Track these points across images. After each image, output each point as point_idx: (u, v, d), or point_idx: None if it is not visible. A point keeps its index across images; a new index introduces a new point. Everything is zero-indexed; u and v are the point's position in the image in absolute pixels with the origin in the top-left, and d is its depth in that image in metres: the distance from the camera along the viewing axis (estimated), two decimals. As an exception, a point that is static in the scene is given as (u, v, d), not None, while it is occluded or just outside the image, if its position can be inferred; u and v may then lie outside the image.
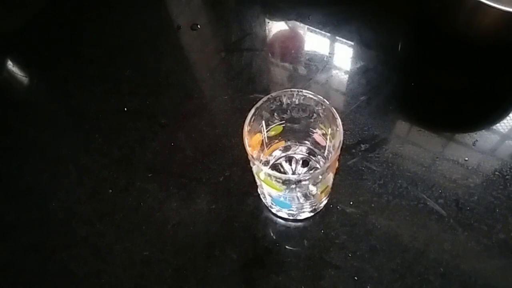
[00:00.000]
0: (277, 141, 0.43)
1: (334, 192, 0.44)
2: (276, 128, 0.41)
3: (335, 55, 0.55)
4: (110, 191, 0.47)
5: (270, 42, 0.57)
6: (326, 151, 0.41)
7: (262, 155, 0.43)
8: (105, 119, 0.52)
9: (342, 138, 0.34)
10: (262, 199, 0.44)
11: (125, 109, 0.52)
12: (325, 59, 0.54)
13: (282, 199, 0.39)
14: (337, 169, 0.42)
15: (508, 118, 0.48)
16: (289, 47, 0.56)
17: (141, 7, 0.62)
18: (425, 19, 0.57)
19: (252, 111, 0.36)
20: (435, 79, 0.53)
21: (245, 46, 0.56)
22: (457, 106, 0.50)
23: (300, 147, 0.44)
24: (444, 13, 0.51)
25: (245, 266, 0.41)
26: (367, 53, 0.54)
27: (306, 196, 0.40)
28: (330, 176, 0.38)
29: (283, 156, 0.44)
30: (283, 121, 0.41)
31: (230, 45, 0.57)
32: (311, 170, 0.44)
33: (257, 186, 0.44)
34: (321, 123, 0.39)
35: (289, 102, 0.38)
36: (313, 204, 0.41)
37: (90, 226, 0.45)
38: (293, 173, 0.44)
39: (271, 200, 0.41)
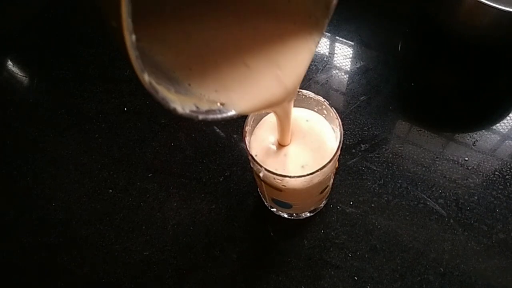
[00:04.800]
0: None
1: (334, 192, 0.44)
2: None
3: (335, 55, 0.55)
4: (110, 191, 0.47)
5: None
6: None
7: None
8: (105, 119, 0.52)
9: (342, 138, 0.34)
10: (262, 199, 0.44)
11: (125, 109, 0.52)
12: (325, 59, 0.54)
13: (282, 199, 0.39)
14: (337, 169, 0.42)
15: (508, 118, 0.48)
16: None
17: (141, 7, 0.62)
18: (425, 19, 0.57)
19: (252, 111, 0.36)
20: (435, 79, 0.53)
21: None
22: (457, 106, 0.50)
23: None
24: (444, 13, 0.51)
25: (245, 266, 0.41)
26: (367, 53, 0.54)
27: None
28: (330, 176, 0.38)
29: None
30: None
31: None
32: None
33: (257, 186, 0.44)
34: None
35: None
36: (313, 204, 0.41)
37: (90, 226, 0.45)
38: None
39: (271, 200, 0.41)
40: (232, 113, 0.24)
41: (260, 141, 0.36)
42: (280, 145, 0.36)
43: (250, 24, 0.25)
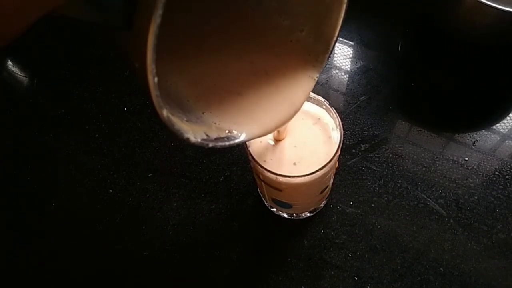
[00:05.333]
0: (277, 141, 0.43)
1: (334, 192, 0.44)
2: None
3: (335, 55, 0.55)
4: (110, 191, 0.47)
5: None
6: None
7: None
8: (105, 119, 0.52)
9: (342, 138, 0.34)
10: (262, 199, 0.44)
11: (125, 109, 0.52)
12: (325, 59, 0.54)
13: (282, 199, 0.39)
14: (337, 169, 0.42)
15: (508, 118, 0.48)
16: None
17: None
18: (424, 19, 0.57)
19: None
20: (435, 79, 0.53)
21: (245, 46, 0.56)
22: (457, 106, 0.50)
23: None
24: (444, 13, 0.51)
25: (245, 266, 0.41)
26: (367, 53, 0.54)
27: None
28: (330, 176, 0.38)
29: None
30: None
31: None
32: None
33: (257, 186, 0.44)
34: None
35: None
36: (313, 204, 0.41)
37: (90, 226, 0.45)
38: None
39: (271, 200, 0.41)
40: (238, 140, 0.25)
41: (258, 139, 0.36)
42: (276, 140, 0.36)
43: (259, 59, 0.28)
